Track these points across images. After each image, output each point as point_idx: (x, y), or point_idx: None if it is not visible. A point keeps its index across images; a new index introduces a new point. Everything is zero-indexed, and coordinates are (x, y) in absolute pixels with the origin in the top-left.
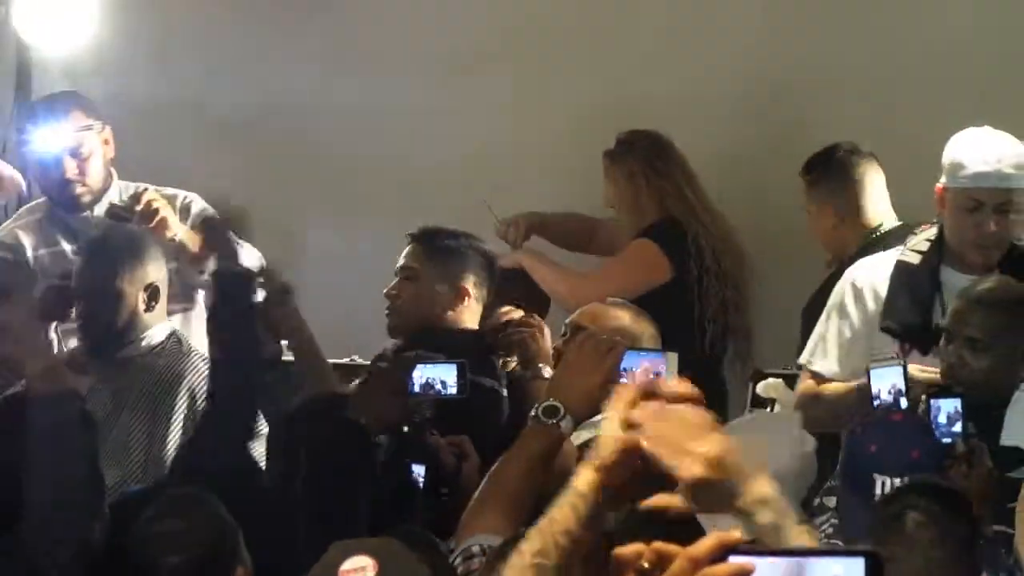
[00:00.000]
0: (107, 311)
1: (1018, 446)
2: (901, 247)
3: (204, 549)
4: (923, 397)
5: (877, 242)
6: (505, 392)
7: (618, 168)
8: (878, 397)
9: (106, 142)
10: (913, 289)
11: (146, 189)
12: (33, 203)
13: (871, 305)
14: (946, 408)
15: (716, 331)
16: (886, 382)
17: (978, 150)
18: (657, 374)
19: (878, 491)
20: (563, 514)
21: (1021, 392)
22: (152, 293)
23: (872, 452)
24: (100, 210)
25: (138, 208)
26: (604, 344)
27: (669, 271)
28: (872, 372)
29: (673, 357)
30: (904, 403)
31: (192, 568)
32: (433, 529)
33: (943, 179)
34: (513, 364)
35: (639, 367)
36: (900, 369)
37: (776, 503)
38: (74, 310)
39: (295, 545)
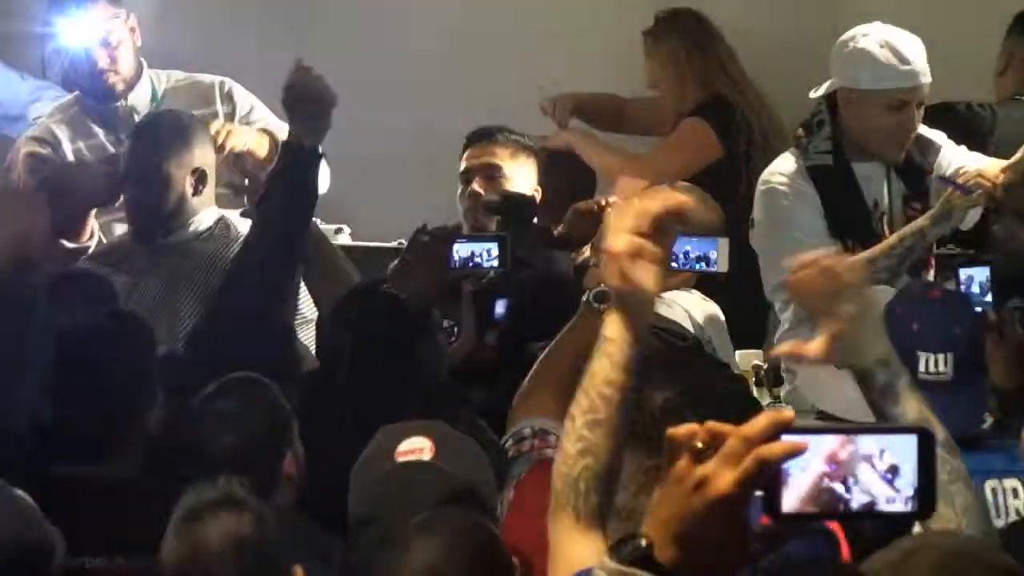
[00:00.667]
0: (155, 196)
1: None
2: (792, 152)
3: (257, 431)
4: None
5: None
6: None
7: (660, 47)
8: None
9: (132, 30)
10: (841, 189)
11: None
12: (64, 99)
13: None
14: (977, 277)
15: None
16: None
17: (895, 50)
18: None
19: (922, 367)
20: (601, 365)
21: None
22: (200, 177)
23: (914, 330)
24: (133, 99)
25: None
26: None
27: (719, 149)
28: None
29: (724, 243)
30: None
31: (244, 449)
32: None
33: (850, 80)
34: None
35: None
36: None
37: (894, 364)
38: (122, 196)
39: (344, 429)
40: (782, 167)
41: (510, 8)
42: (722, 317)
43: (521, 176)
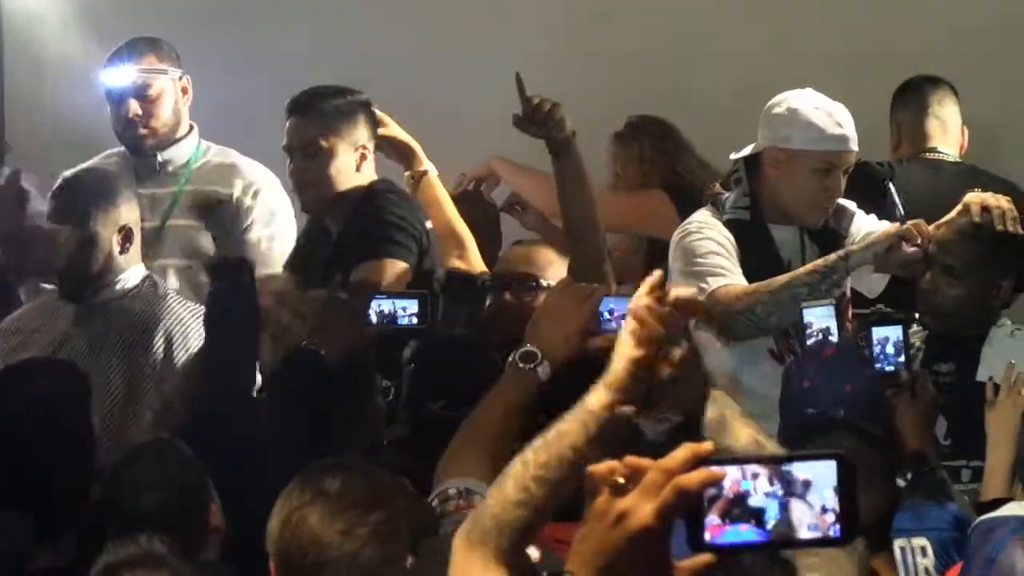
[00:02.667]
0: (81, 254)
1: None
2: (708, 208)
3: (174, 489)
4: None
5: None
6: None
7: (626, 150)
8: (811, 336)
9: (184, 90)
10: (757, 246)
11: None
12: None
13: (727, 247)
14: (888, 336)
15: None
16: (819, 322)
17: (828, 114)
18: None
19: None
20: (572, 429)
21: (997, 328)
22: (126, 235)
23: (806, 387)
24: (168, 155)
25: None
26: (583, 290)
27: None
28: (804, 311)
29: None
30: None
31: (166, 509)
32: None
33: (781, 141)
34: None
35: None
36: (832, 308)
37: (721, 399)
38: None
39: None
40: (700, 219)
41: None
42: None
43: (347, 150)
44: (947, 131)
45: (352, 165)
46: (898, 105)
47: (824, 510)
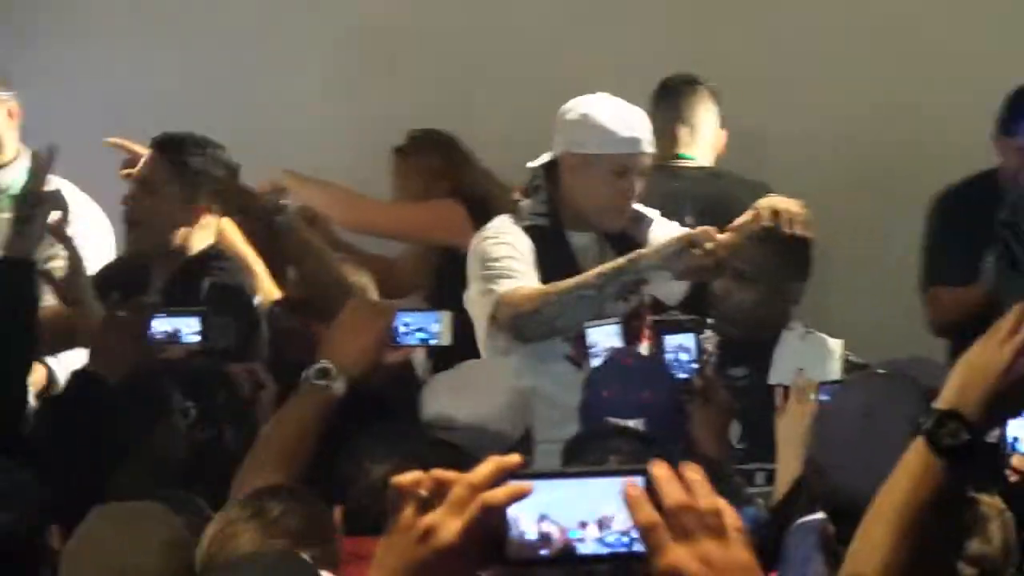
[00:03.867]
0: None
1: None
2: (509, 215)
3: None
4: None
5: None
6: None
7: (410, 164)
8: (597, 355)
9: (10, 114)
10: (554, 253)
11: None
12: None
13: (523, 251)
14: (682, 343)
15: None
16: (604, 340)
17: (621, 118)
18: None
19: None
20: None
21: (788, 332)
22: None
23: (606, 398)
24: (4, 178)
25: None
26: (378, 306)
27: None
28: (588, 330)
29: (447, 316)
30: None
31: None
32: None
33: (575, 146)
34: None
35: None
36: (617, 327)
37: None
38: None
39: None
40: (497, 226)
41: None
42: None
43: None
44: (696, 137)
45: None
46: (654, 106)
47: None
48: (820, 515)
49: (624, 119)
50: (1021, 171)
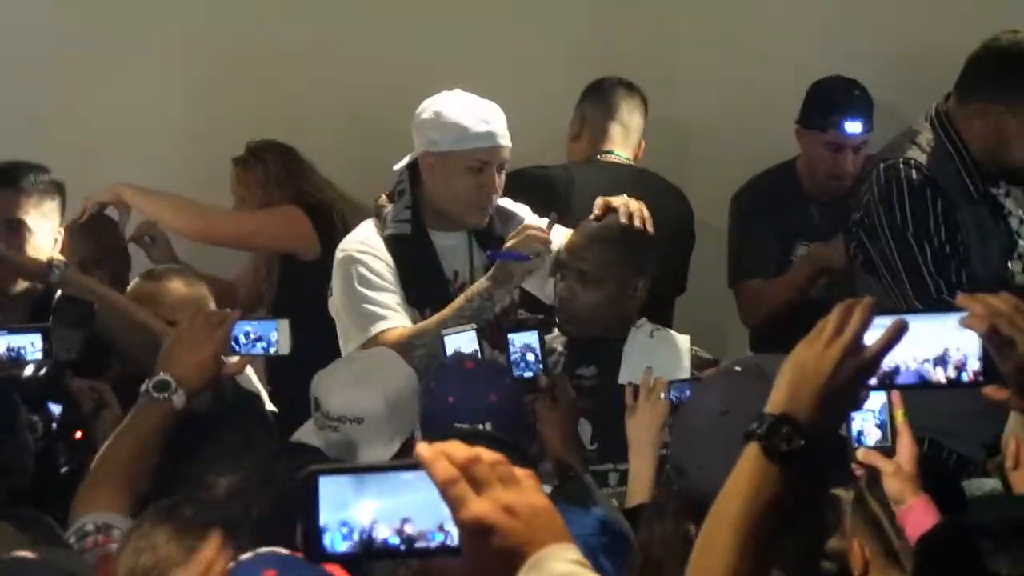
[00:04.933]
0: None
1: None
2: (373, 220)
3: None
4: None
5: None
6: None
7: (249, 174)
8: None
9: None
10: (418, 259)
11: None
12: None
13: (388, 275)
14: (527, 342)
15: None
16: (458, 345)
17: (474, 113)
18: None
19: None
20: None
21: (636, 329)
22: None
23: (450, 403)
24: None
25: None
26: (216, 316)
27: (317, 246)
28: (445, 339)
29: (285, 324)
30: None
31: None
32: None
33: (431, 145)
34: None
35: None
36: (474, 333)
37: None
38: None
39: None
40: (360, 236)
41: None
42: None
43: (46, 228)
44: (628, 138)
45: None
46: (591, 100)
47: None
48: None
49: (477, 114)
50: (826, 163)
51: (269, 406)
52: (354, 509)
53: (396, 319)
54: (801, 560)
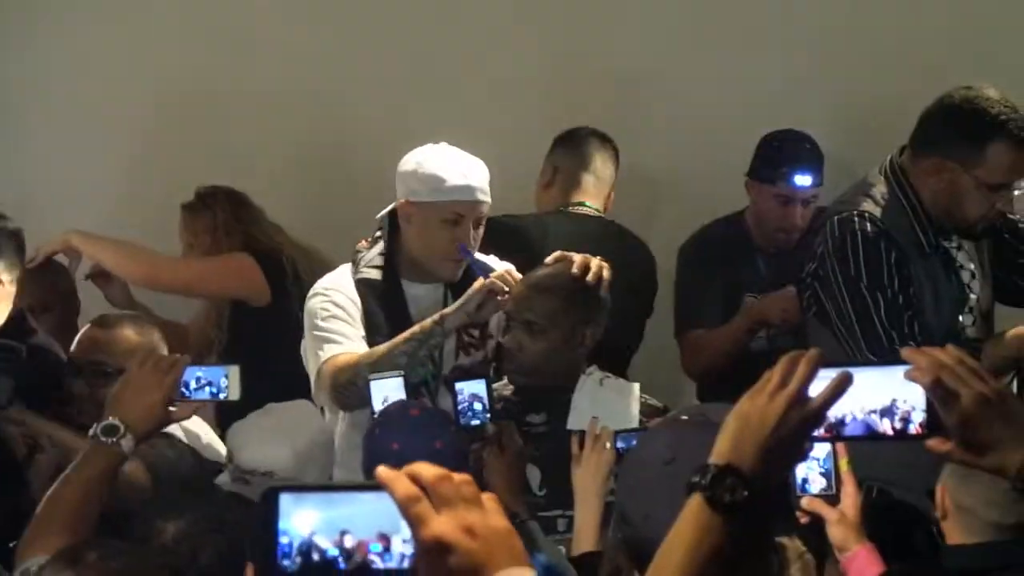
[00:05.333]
0: None
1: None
2: (350, 265)
3: None
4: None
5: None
6: None
7: (198, 220)
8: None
9: None
10: (386, 304)
11: None
12: None
13: (352, 312)
14: (474, 391)
15: None
16: (386, 392)
17: (455, 167)
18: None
19: None
20: None
21: (587, 376)
22: None
23: (395, 449)
24: None
25: None
26: (166, 361)
27: (267, 293)
28: (372, 383)
29: (235, 370)
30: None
31: None
32: None
33: (413, 194)
34: None
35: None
36: (400, 380)
37: None
38: None
39: None
40: (332, 277)
41: None
42: None
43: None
44: (600, 189)
45: None
46: (564, 149)
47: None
48: None
49: (458, 167)
50: (775, 215)
51: (222, 450)
52: (298, 521)
53: (350, 346)
54: None
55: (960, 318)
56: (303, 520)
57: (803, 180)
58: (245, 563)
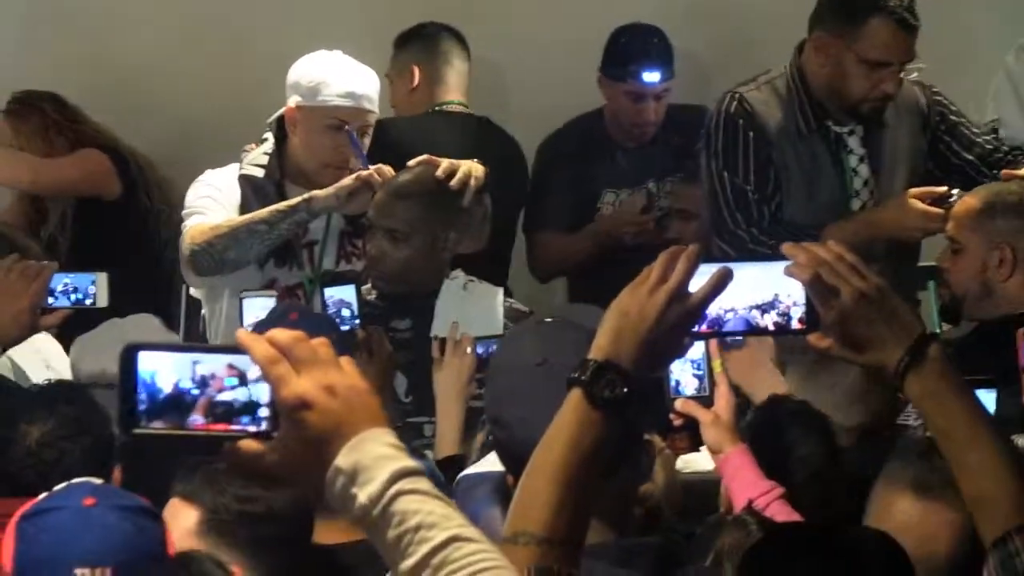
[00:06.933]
0: None
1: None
2: (236, 164)
3: None
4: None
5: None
6: None
7: (24, 124)
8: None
9: None
10: (263, 199)
11: None
12: None
13: (228, 197)
14: (342, 297)
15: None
16: (257, 311)
17: (339, 73)
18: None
19: None
20: None
21: (450, 282)
22: None
23: None
24: None
25: None
26: (32, 268)
27: (119, 185)
28: (244, 301)
29: (103, 277)
30: None
31: None
32: None
33: (299, 99)
34: None
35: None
36: (273, 299)
37: None
38: None
39: None
40: (216, 171)
41: None
42: None
43: None
44: (462, 85)
45: None
46: (418, 47)
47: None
48: (484, 467)
49: (344, 74)
50: (628, 112)
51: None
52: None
53: (212, 217)
54: (616, 505)
55: (850, 203)
56: (159, 365)
57: (651, 77)
58: (112, 466)
